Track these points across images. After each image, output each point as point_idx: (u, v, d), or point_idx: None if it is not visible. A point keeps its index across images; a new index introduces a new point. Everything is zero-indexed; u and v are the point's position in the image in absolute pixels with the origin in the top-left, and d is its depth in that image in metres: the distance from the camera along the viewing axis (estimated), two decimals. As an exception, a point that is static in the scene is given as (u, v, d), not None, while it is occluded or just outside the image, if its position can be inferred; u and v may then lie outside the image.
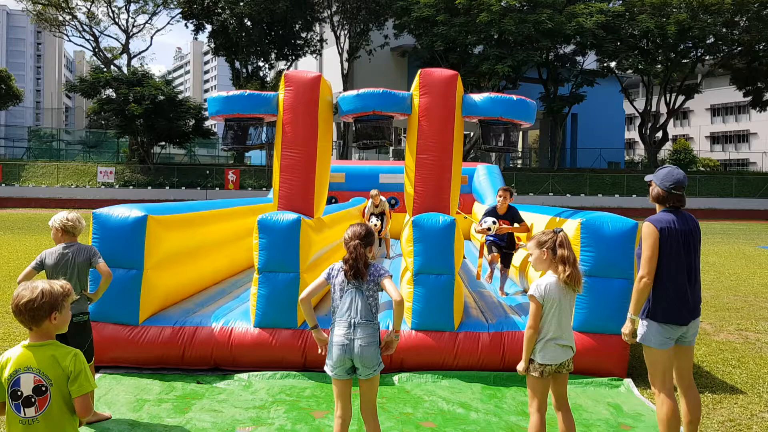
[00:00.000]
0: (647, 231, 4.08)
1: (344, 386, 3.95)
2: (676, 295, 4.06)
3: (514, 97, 6.62)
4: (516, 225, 8.10)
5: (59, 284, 2.92)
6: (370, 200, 12.00)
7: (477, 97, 6.61)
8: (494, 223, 7.91)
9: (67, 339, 4.64)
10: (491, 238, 8.19)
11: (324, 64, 57.05)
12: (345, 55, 50.34)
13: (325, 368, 3.96)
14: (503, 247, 8.20)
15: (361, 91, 6.66)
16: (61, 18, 56.06)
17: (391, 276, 4.01)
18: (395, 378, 5.87)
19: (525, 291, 8.05)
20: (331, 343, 3.92)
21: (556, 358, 3.95)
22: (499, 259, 8.14)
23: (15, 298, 2.83)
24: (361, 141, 6.76)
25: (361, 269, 3.88)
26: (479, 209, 12.02)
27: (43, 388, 2.77)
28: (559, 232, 4.05)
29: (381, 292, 3.98)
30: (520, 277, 8.42)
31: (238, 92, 6.63)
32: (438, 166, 6.42)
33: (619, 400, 5.50)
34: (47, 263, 4.73)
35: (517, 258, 8.61)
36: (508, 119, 6.52)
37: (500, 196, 8.14)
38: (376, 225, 11.50)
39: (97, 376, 5.49)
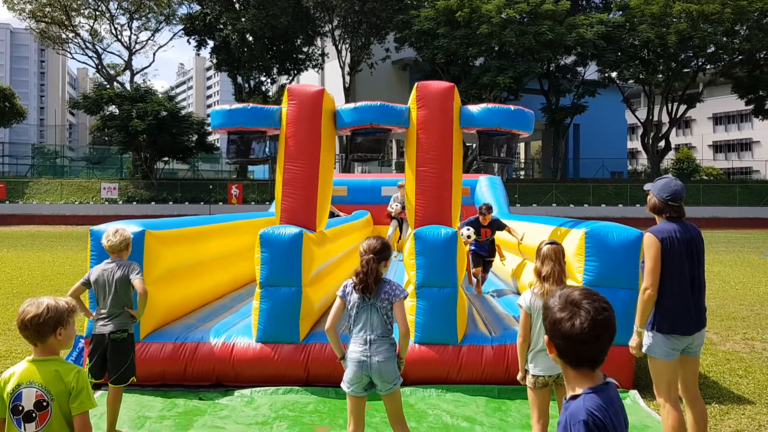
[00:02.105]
0: (649, 242, 4.06)
1: (359, 402, 3.94)
2: (681, 306, 4.03)
3: (512, 107, 6.61)
4: (500, 233, 9.05)
5: (64, 300, 2.94)
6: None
7: (474, 108, 6.61)
8: (474, 233, 8.58)
9: (105, 355, 4.63)
10: (473, 248, 8.95)
11: (326, 78, 57.29)
12: (346, 69, 50.55)
13: (342, 385, 3.94)
14: (485, 256, 9.02)
15: (359, 104, 6.67)
16: (64, 36, 56.58)
17: (406, 297, 3.98)
18: (399, 392, 5.81)
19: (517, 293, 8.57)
20: (348, 359, 3.90)
21: (550, 369, 3.93)
22: (481, 269, 9.02)
23: (20, 313, 2.84)
24: (356, 153, 6.76)
25: (370, 284, 3.84)
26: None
27: (44, 404, 2.76)
28: (549, 244, 4.03)
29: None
30: (513, 279, 8.75)
31: (241, 105, 6.63)
32: (438, 178, 6.39)
33: (626, 412, 5.42)
34: (91, 279, 4.72)
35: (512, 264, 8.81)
36: (507, 129, 6.51)
37: (481, 214, 8.83)
38: (396, 208, 12.96)
39: (98, 393, 5.44)
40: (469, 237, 8.43)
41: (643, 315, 4.04)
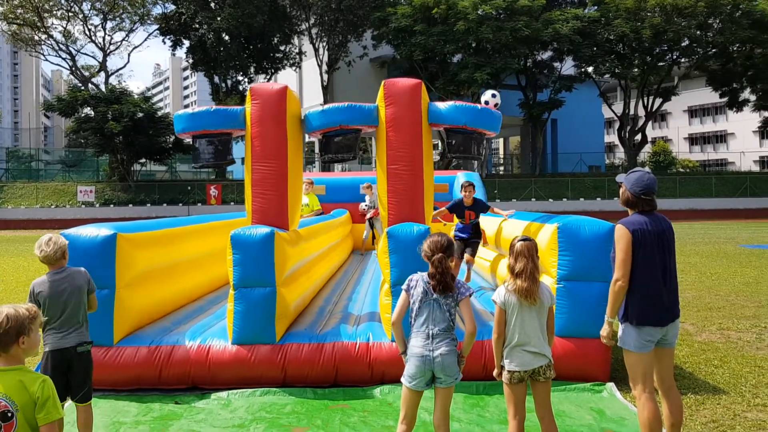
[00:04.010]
0: (620, 233, 4.08)
1: (418, 397, 3.97)
2: (652, 297, 4.03)
3: (479, 106, 6.61)
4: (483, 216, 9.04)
5: (25, 307, 2.86)
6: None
7: (442, 105, 6.60)
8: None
9: (72, 371, 4.28)
10: (455, 232, 8.85)
11: (303, 77, 57.08)
12: (324, 67, 50.41)
13: (403, 379, 3.96)
14: (467, 239, 8.76)
15: (327, 106, 6.65)
16: (36, 37, 55.72)
17: (472, 294, 4.01)
18: (377, 391, 5.79)
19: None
20: (410, 354, 3.92)
21: (525, 364, 3.94)
22: (465, 252, 8.75)
23: None
24: (327, 155, 6.73)
25: (449, 283, 3.89)
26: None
27: (9, 414, 2.69)
28: (521, 240, 4.04)
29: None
30: (492, 276, 8.84)
31: (204, 108, 6.57)
32: (409, 175, 6.38)
33: (602, 404, 5.46)
34: (42, 295, 4.24)
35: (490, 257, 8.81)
36: (473, 128, 6.51)
37: (465, 191, 8.65)
38: (365, 209, 13.44)
39: (68, 404, 5.33)
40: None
41: (614, 305, 4.06)
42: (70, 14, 54.71)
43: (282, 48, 51.68)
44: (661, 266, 4.07)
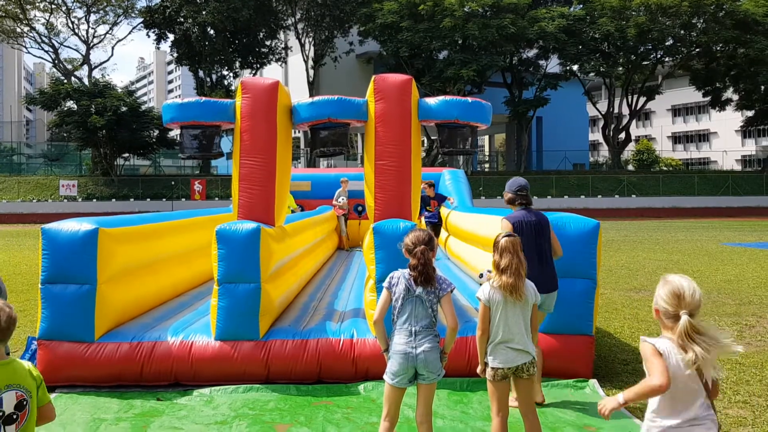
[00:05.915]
0: (504, 225, 5.23)
1: (400, 394, 3.96)
2: (528, 273, 4.59)
3: (470, 99, 6.61)
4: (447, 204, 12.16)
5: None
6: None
7: (432, 100, 6.60)
8: (489, 272, 10.19)
9: None
10: (427, 219, 11.82)
11: (289, 72, 56.88)
12: (310, 63, 50.25)
13: (385, 377, 3.94)
14: (436, 222, 11.90)
15: (316, 98, 6.61)
16: (19, 29, 55.02)
17: (454, 289, 4.02)
18: (361, 387, 5.77)
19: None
20: (393, 352, 3.91)
21: (508, 361, 3.95)
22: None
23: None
24: (318, 149, 6.70)
25: (431, 275, 3.90)
26: (445, 214, 12.19)
27: (24, 402, 2.72)
28: (506, 236, 4.04)
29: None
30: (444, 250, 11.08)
31: (194, 99, 6.50)
32: (397, 172, 6.37)
33: (585, 401, 5.48)
34: None
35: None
36: (465, 122, 6.51)
37: (424, 188, 11.57)
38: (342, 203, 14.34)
39: (53, 395, 5.29)
40: (487, 272, 10.43)
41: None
42: (53, 6, 54.07)
43: (268, 43, 51.45)
44: (537, 249, 5.17)
